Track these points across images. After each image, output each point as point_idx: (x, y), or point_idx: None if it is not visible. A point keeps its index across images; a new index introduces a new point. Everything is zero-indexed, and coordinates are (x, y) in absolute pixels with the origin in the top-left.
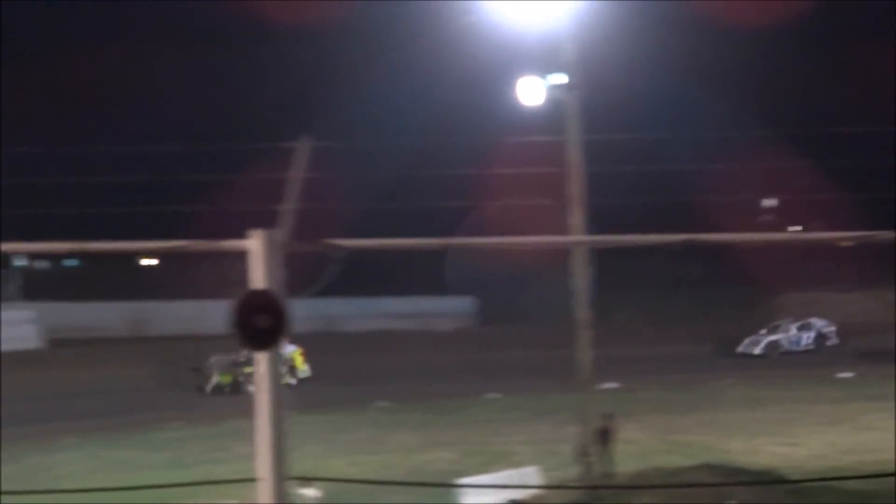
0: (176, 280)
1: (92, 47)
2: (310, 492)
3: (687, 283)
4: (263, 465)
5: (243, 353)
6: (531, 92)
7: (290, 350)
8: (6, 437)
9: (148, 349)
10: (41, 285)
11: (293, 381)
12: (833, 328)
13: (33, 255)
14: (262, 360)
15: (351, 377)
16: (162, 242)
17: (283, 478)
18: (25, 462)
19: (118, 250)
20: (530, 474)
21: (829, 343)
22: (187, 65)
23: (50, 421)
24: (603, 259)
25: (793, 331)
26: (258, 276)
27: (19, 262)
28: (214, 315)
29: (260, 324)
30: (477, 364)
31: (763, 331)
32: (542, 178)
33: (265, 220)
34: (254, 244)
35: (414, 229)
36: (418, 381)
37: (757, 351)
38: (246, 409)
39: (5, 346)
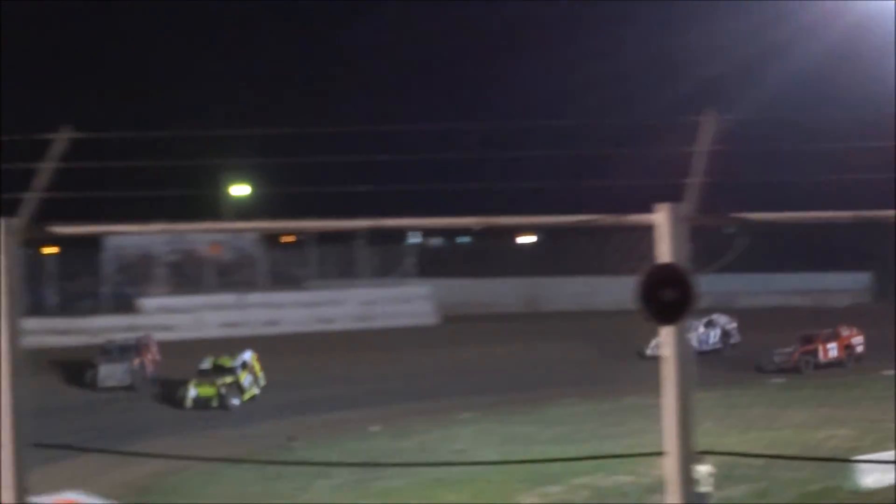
0: (566, 256)
1: (462, 22)
2: (704, 467)
3: None
4: (669, 440)
5: (205, 362)
6: None
7: (249, 356)
8: (405, 412)
9: (541, 326)
10: (435, 261)
11: (257, 390)
12: (735, 324)
13: (429, 232)
14: (668, 334)
15: (745, 353)
16: (569, 217)
17: (690, 453)
18: (425, 436)
19: (522, 224)
20: None
21: (732, 341)
22: (592, 38)
23: (448, 396)
24: None
25: (700, 329)
26: (664, 250)
27: (414, 239)
28: (608, 291)
29: (666, 297)
30: (870, 340)
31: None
32: None
33: (670, 195)
34: (660, 218)
35: (811, 203)
36: None
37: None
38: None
39: (402, 322)
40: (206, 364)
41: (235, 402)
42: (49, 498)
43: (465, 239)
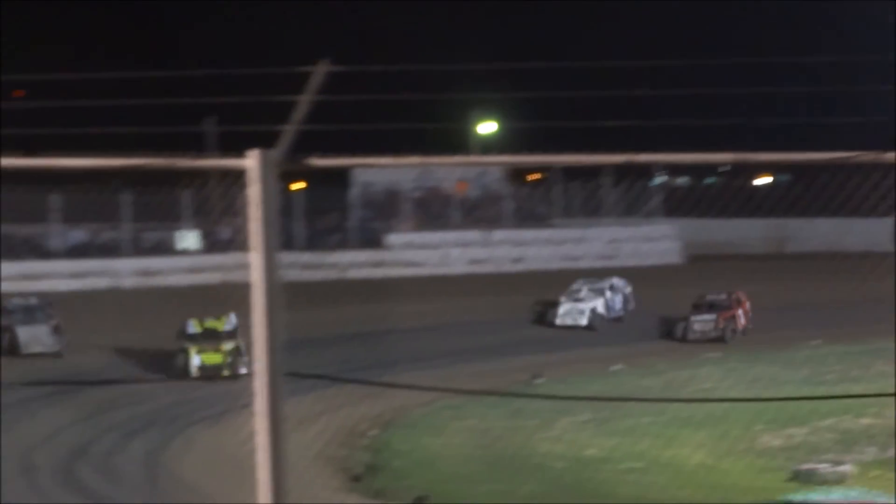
0: (815, 196)
1: None
2: None
3: None
4: None
5: (191, 325)
6: None
7: (236, 319)
8: (648, 351)
9: (787, 266)
10: (681, 201)
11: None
12: (630, 289)
13: (675, 171)
14: None
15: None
16: (824, 154)
17: None
18: (670, 375)
19: (775, 161)
20: None
21: (630, 307)
22: None
23: None
24: None
25: (607, 294)
26: None
27: (660, 178)
28: (857, 233)
29: None
30: None
31: (563, 298)
32: None
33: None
34: None
35: None
36: None
37: (583, 322)
38: None
39: (647, 261)
40: (193, 328)
41: (243, 370)
42: (838, 497)
43: (712, 179)
